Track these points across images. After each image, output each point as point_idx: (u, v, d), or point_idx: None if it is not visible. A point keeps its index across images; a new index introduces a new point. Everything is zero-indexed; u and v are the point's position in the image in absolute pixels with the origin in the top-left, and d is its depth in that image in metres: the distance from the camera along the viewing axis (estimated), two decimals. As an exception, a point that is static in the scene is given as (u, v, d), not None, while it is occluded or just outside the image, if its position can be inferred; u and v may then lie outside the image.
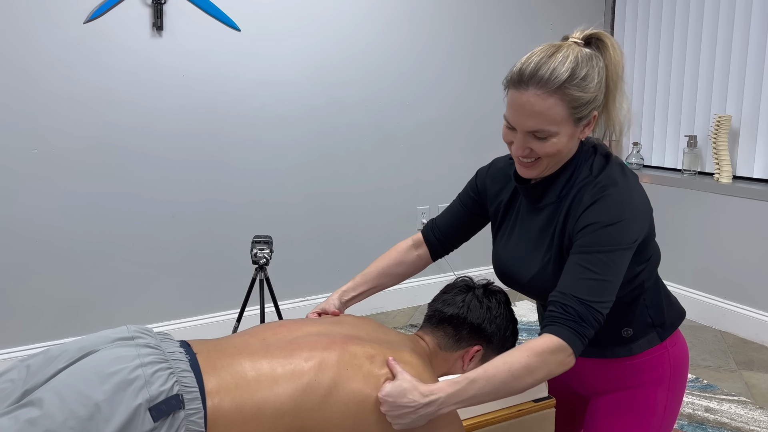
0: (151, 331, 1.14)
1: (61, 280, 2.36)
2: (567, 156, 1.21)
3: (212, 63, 2.50)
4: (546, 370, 1.08)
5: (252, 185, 2.65)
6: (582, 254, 1.13)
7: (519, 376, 1.06)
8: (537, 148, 1.16)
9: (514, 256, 1.31)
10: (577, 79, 1.11)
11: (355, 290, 1.42)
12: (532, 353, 1.07)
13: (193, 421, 1.01)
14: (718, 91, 2.85)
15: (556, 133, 1.14)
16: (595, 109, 1.16)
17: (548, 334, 1.09)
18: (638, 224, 1.16)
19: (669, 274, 3.02)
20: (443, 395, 1.06)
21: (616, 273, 1.12)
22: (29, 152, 2.25)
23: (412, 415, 1.06)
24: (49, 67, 2.24)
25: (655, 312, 1.32)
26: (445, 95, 3.02)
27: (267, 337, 1.20)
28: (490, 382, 1.06)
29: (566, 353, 1.08)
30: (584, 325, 1.09)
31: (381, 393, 1.08)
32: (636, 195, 1.18)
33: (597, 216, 1.14)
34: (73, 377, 1.00)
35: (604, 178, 1.18)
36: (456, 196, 1.48)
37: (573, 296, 1.10)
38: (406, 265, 1.47)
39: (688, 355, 1.39)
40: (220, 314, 2.66)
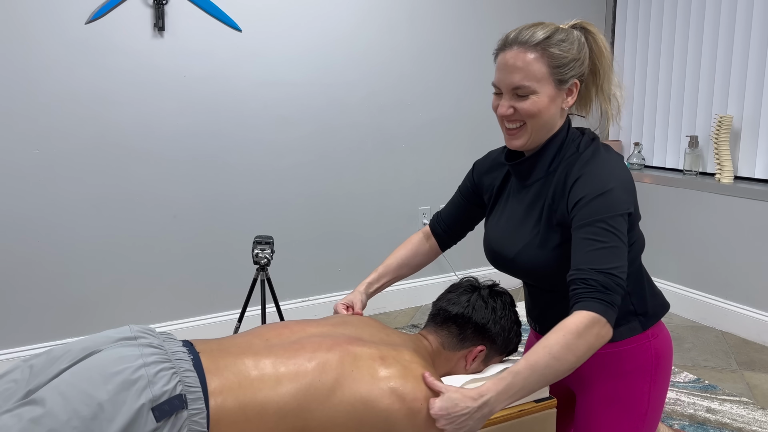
0: (154, 330, 1.14)
1: (63, 281, 2.36)
2: (550, 124, 1.27)
3: (213, 63, 2.50)
4: (585, 345, 1.09)
5: (253, 185, 2.65)
6: (583, 228, 1.17)
7: (560, 356, 1.08)
8: (519, 107, 1.24)
9: (504, 232, 1.36)
10: (556, 39, 1.21)
11: (378, 281, 1.52)
12: (568, 332, 1.09)
13: (195, 421, 1.02)
14: (719, 92, 2.85)
15: (537, 92, 1.22)
16: (575, 77, 1.25)
17: (579, 311, 1.11)
18: (627, 193, 1.21)
19: (670, 274, 3.02)
20: (493, 394, 1.08)
21: (621, 238, 1.16)
22: (31, 153, 2.25)
23: (469, 421, 1.08)
24: (51, 68, 2.24)
25: (637, 300, 1.34)
26: (446, 96, 3.03)
27: (270, 337, 1.20)
28: (535, 369, 1.08)
29: (601, 324, 1.10)
30: (609, 292, 1.12)
31: (433, 410, 1.10)
32: (620, 167, 1.23)
33: (586, 189, 1.19)
34: (77, 377, 1.00)
35: (589, 153, 1.26)
36: (457, 188, 1.57)
37: (590, 269, 1.13)
38: (422, 256, 1.57)
39: (671, 348, 1.41)
40: (221, 314, 2.67)
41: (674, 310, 3.00)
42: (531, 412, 1.36)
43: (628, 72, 3.31)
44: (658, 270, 3.09)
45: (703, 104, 2.93)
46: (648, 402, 1.36)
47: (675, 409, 2.11)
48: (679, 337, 2.74)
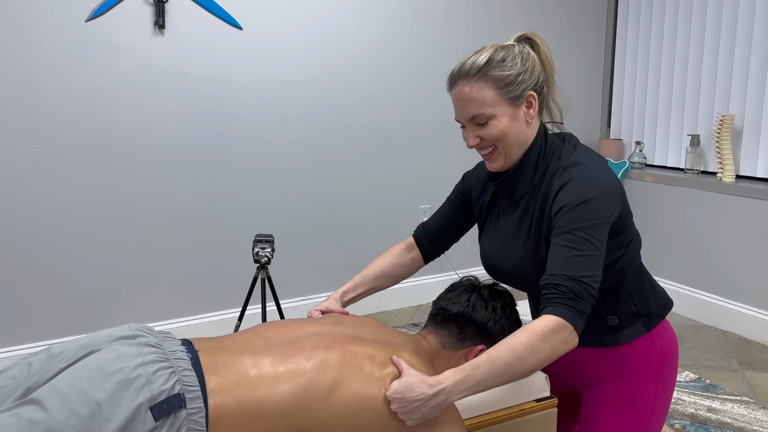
0: (153, 329, 1.14)
1: (63, 279, 2.36)
2: (521, 140, 1.28)
3: (214, 61, 2.50)
4: (549, 349, 1.09)
5: (253, 184, 2.65)
6: (561, 235, 1.17)
7: (522, 357, 1.07)
8: (483, 134, 1.25)
9: (497, 248, 1.36)
10: (495, 61, 1.23)
11: (354, 291, 1.47)
12: (533, 334, 1.09)
13: (194, 420, 1.01)
14: (721, 90, 2.85)
15: (494, 115, 1.24)
16: (528, 89, 1.25)
17: (547, 315, 1.11)
18: (609, 200, 1.20)
19: (671, 273, 3.02)
20: (450, 383, 1.07)
21: (598, 247, 1.16)
22: (31, 151, 2.25)
23: (423, 408, 1.07)
24: (51, 66, 2.24)
25: (639, 301, 1.34)
26: (447, 95, 3.02)
27: (269, 336, 1.20)
28: (495, 365, 1.08)
29: (567, 330, 1.10)
30: (579, 300, 1.12)
31: (389, 391, 1.09)
32: (603, 174, 1.23)
33: (568, 197, 1.19)
34: (75, 376, 1.00)
35: (572, 163, 1.25)
36: (445, 199, 1.55)
37: (563, 275, 1.13)
38: (402, 268, 1.53)
39: (677, 347, 1.40)
40: (221, 313, 2.67)
41: (675, 309, 3.00)
42: (531, 412, 1.36)
43: (629, 70, 3.30)
44: (659, 269, 3.08)
45: (704, 103, 2.93)
46: (654, 402, 1.35)
47: (676, 409, 2.11)
48: (680, 336, 2.73)
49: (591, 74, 3.41)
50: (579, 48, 3.34)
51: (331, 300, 1.43)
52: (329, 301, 1.43)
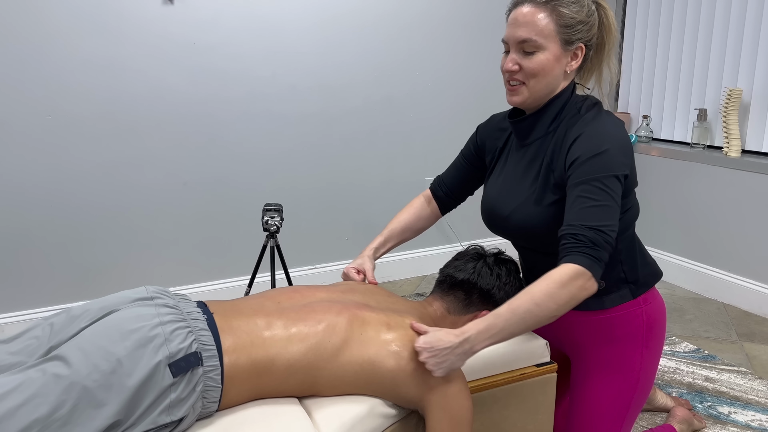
0: (169, 291, 1.18)
1: (76, 246, 2.41)
2: (553, 85, 1.30)
3: (223, 31, 2.50)
4: (568, 295, 1.12)
5: (262, 153, 2.68)
6: (578, 186, 1.20)
7: (542, 303, 1.11)
8: (525, 63, 1.27)
9: (501, 190, 1.40)
10: (567, 1, 1.26)
11: (384, 246, 1.56)
12: (551, 281, 1.12)
13: (210, 377, 1.06)
14: (729, 65, 2.84)
15: (543, 47, 1.26)
16: (582, 40, 1.28)
17: (566, 263, 1.15)
18: (623, 154, 1.23)
19: (675, 246, 3.05)
20: (474, 332, 1.12)
21: (614, 198, 1.19)
22: (44, 119, 2.28)
23: (451, 356, 1.12)
24: (62, 35, 2.25)
25: (629, 268, 1.38)
26: (455, 66, 3.02)
27: (282, 300, 1.25)
28: (516, 312, 1.12)
29: (585, 277, 1.14)
30: (597, 248, 1.15)
31: (417, 343, 1.13)
32: (618, 130, 1.26)
33: (583, 148, 1.22)
34: (96, 334, 1.05)
35: (590, 116, 1.28)
36: (459, 152, 1.58)
37: (581, 225, 1.17)
38: (424, 220, 1.60)
39: (665, 315, 1.45)
40: (231, 280, 2.72)
41: (677, 282, 3.04)
42: (532, 376, 1.41)
43: (638, 44, 3.28)
44: (662, 242, 3.11)
45: (712, 77, 2.92)
46: (640, 367, 1.41)
47: (674, 378, 2.16)
48: (680, 308, 2.77)
49: (600, 47, 3.39)
50: (588, 20, 3.32)
51: (364, 258, 1.50)
52: (363, 259, 1.50)
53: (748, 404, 2.00)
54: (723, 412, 1.96)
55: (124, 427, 0.99)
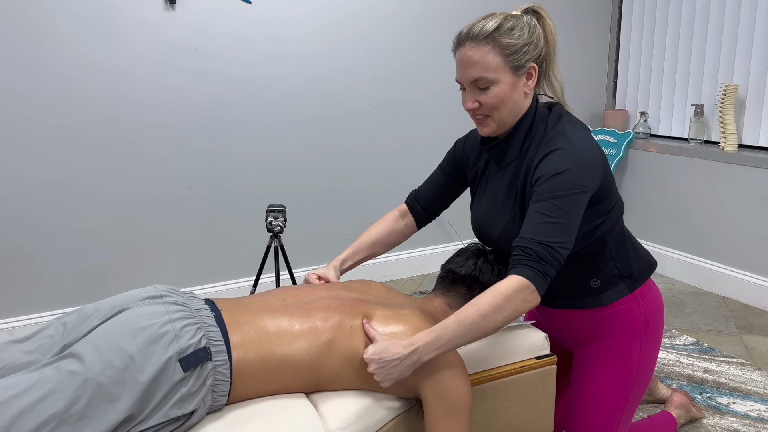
0: (178, 290, 1.22)
1: (82, 249, 2.45)
2: (516, 109, 1.32)
3: (224, 36, 2.54)
4: (512, 307, 1.15)
5: (265, 156, 2.71)
6: (537, 202, 1.23)
7: (487, 315, 1.14)
8: (483, 99, 1.28)
9: (486, 213, 1.42)
10: (504, 29, 1.26)
11: (352, 259, 1.55)
12: (497, 293, 1.15)
13: (220, 372, 1.10)
14: (725, 60, 2.87)
15: (496, 81, 1.26)
16: (531, 60, 1.29)
17: (512, 275, 1.18)
18: (586, 172, 1.24)
19: (673, 241, 3.08)
20: (422, 343, 1.15)
21: (570, 216, 1.21)
22: (50, 125, 2.32)
23: (399, 367, 1.14)
24: (66, 42, 2.29)
25: (622, 264, 1.41)
26: (452, 67, 3.05)
27: (286, 297, 1.28)
28: (462, 324, 1.14)
29: (529, 290, 1.16)
30: (544, 263, 1.18)
31: (366, 354, 1.15)
32: (584, 145, 1.26)
33: (547, 167, 1.24)
34: (108, 332, 1.08)
35: (555, 134, 1.29)
36: (437, 167, 1.59)
37: (532, 239, 1.19)
38: (396, 234, 1.59)
39: (662, 307, 1.48)
40: (236, 281, 2.76)
41: (677, 276, 3.07)
42: (532, 368, 1.44)
43: (635, 40, 3.31)
44: (661, 237, 3.14)
45: (709, 73, 2.95)
46: (639, 359, 1.44)
47: (674, 370, 2.19)
48: (680, 302, 2.80)
49: (597, 45, 3.43)
50: (585, 19, 3.35)
51: (330, 267, 1.50)
52: (327, 269, 1.49)
53: (747, 395, 2.03)
54: (722, 402, 1.99)
55: (138, 420, 1.03)
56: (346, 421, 1.14)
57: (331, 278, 1.47)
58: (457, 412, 1.17)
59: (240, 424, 1.09)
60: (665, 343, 2.40)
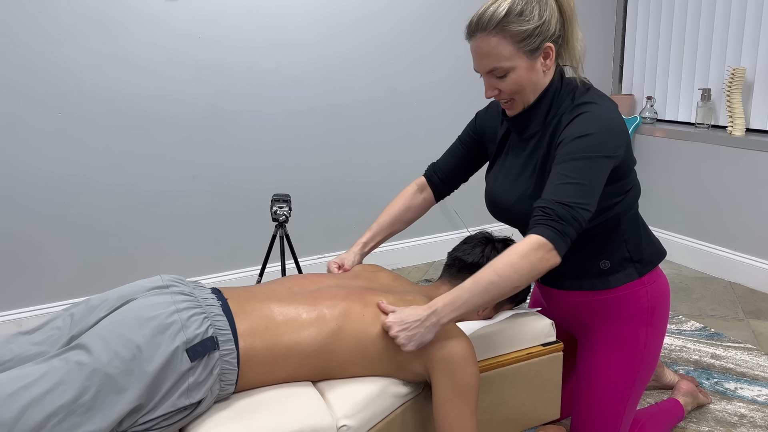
0: (184, 279, 1.22)
1: (88, 240, 2.46)
2: (538, 87, 1.31)
3: (227, 25, 2.53)
4: (528, 265, 1.14)
5: (269, 145, 2.71)
6: (559, 164, 1.22)
7: (504, 274, 1.14)
8: (502, 86, 1.28)
9: (503, 183, 1.41)
10: (513, 15, 1.23)
11: (373, 241, 1.55)
12: (512, 252, 1.16)
13: (227, 361, 1.10)
14: (732, 44, 2.83)
15: (512, 68, 1.26)
16: (546, 40, 1.26)
17: (530, 235, 1.17)
18: (613, 139, 1.23)
19: (680, 227, 3.06)
20: (440, 305, 1.15)
21: (592, 178, 1.19)
22: (54, 116, 2.32)
23: (420, 328, 1.14)
24: (69, 34, 2.29)
25: (633, 247, 1.40)
26: (457, 54, 3.03)
27: (292, 286, 1.29)
28: (479, 284, 1.15)
29: (546, 248, 1.15)
30: (563, 223, 1.16)
31: (387, 320, 1.16)
32: (611, 114, 1.25)
33: (572, 130, 1.23)
34: (115, 323, 1.09)
35: (582, 102, 1.28)
36: (456, 139, 1.58)
37: (552, 200, 1.18)
38: (415, 210, 1.59)
39: (668, 294, 1.47)
40: (242, 270, 2.76)
41: (684, 262, 3.05)
42: (538, 355, 1.44)
43: (641, 25, 3.28)
44: (668, 223, 3.13)
45: (716, 57, 2.92)
46: (644, 345, 1.43)
47: (681, 356, 2.19)
48: (687, 287, 2.79)
49: (603, 30, 3.39)
50: (591, 3, 3.32)
51: (350, 253, 1.51)
52: (348, 254, 1.51)
53: (754, 380, 2.02)
54: (729, 387, 1.98)
55: (146, 410, 1.03)
56: (353, 408, 1.14)
57: (348, 264, 1.48)
58: (466, 393, 1.17)
59: (247, 413, 1.09)
60: (672, 329, 2.39)
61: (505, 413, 1.42)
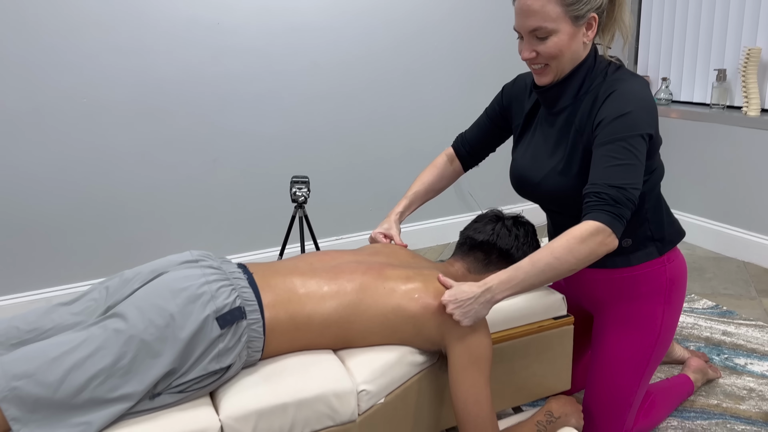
0: (212, 255, 1.29)
1: (112, 223, 2.54)
2: (574, 58, 1.32)
3: (246, 11, 2.58)
4: (588, 250, 1.18)
5: (286, 129, 2.77)
6: (603, 146, 1.24)
7: (561, 257, 1.17)
8: (541, 49, 1.29)
9: (533, 158, 1.43)
10: None
11: (409, 209, 1.62)
12: (571, 237, 1.18)
13: (253, 329, 1.17)
14: (748, 24, 2.83)
15: (555, 31, 1.26)
16: (592, 10, 1.28)
17: (587, 220, 1.20)
18: (648, 115, 1.26)
19: (695, 207, 3.08)
20: (496, 282, 1.20)
21: (638, 156, 1.23)
22: (79, 102, 2.40)
23: (475, 305, 1.19)
24: (92, 23, 2.35)
25: (655, 226, 1.43)
26: (471, 35, 3.06)
27: (313, 261, 1.35)
28: (536, 265, 1.18)
29: (605, 234, 1.19)
30: (619, 206, 1.20)
31: (444, 297, 1.21)
32: (643, 91, 1.28)
33: (609, 110, 1.26)
34: (149, 294, 1.16)
35: (615, 79, 1.31)
36: (483, 111, 1.62)
37: (604, 183, 1.21)
38: (446, 179, 1.66)
39: (686, 273, 1.50)
40: (262, 251, 2.84)
41: (698, 242, 3.08)
42: (550, 328, 1.49)
43: (657, 5, 3.27)
44: (683, 203, 3.14)
45: (731, 37, 2.91)
46: (661, 323, 1.46)
47: (692, 333, 2.23)
48: (701, 267, 2.82)
49: (617, 11, 3.39)
50: (605, -16, 3.31)
51: (390, 222, 1.57)
52: (389, 223, 1.57)
53: (764, 356, 2.06)
54: (739, 363, 2.02)
55: (179, 373, 1.10)
56: (372, 375, 1.21)
57: (395, 233, 1.55)
58: (480, 362, 1.23)
59: (273, 377, 1.16)
60: (684, 307, 2.43)
61: (518, 383, 1.48)
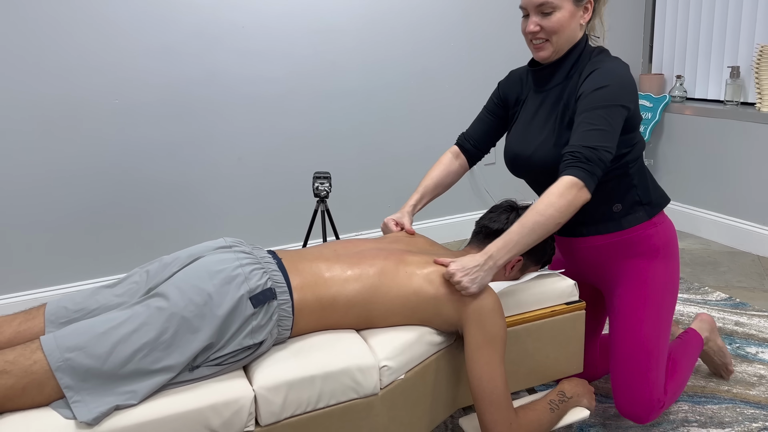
0: (244, 241, 1.39)
1: (143, 218, 2.66)
2: (571, 38, 1.50)
3: (269, 14, 2.69)
4: (566, 202, 1.32)
5: (308, 127, 2.87)
6: (581, 114, 1.40)
7: (544, 212, 1.31)
8: (545, 24, 1.46)
9: (523, 134, 1.58)
10: None
11: (421, 202, 1.74)
12: (549, 193, 1.33)
13: (283, 309, 1.26)
14: (762, 20, 2.86)
15: (559, 7, 1.45)
16: None
17: (563, 177, 1.35)
18: (625, 91, 1.41)
19: (710, 203, 3.12)
20: (495, 249, 1.33)
21: (612, 124, 1.37)
22: (112, 102, 2.52)
23: (480, 272, 1.31)
24: (123, 25, 2.47)
25: (642, 191, 1.57)
26: (486, 36, 3.13)
27: (337, 248, 1.44)
28: (525, 225, 1.32)
29: (578, 186, 1.34)
30: (590, 163, 1.35)
31: (449, 269, 1.32)
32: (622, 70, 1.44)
33: (589, 84, 1.42)
34: (188, 275, 1.25)
35: (598, 60, 1.48)
36: (482, 109, 1.76)
37: (578, 144, 1.36)
38: (453, 174, 1.77)
39: (675, 234, 1.62)
40: (285, 246, 2.94)
41: (712, 236, 3.11)
42: (562, 313, 1.56)
43: (671, 4, 3.31)
44: (698, 199, 3.18)
45: (745, 34, 2.95)
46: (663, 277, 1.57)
47: (704, 323, 2.27)
48: (715, 261, 2.86)
49: (633, 10, 3.44)
50: (620, -17, 3.37)
51: (404, 213, 1.69)
52: (402, 213, 1.68)
53: (775, 345, 2.10)
54: (751, 351, 2.07)
55: (216, 348, 1.20)
56: (393, 352, 1.29)
57: (406, 222, 1.65)
58: (495, 342, 1.31)
59: (301, 353, 1.25)
60: (697, 299, 2.48)
61: (531, 365, 1.56)
